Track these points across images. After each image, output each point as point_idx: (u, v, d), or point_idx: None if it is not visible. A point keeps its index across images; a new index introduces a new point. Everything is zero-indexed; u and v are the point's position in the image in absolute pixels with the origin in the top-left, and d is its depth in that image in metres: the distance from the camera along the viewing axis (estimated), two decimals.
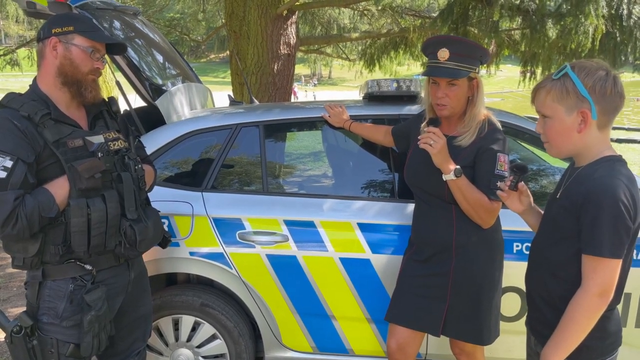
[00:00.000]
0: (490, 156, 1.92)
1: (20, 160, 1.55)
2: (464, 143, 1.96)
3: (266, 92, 5.00)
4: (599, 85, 1.36)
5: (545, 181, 2.81)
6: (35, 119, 1.61)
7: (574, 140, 1.43)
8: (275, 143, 2.76)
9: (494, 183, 1.89)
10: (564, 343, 1.38)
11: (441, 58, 1.91)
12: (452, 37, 2.04)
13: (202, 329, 2.45)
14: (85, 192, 1.65)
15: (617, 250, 1.33)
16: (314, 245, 2.34)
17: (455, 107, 1.96)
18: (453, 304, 2.01)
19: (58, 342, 1.70)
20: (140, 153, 2.01)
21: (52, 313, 1.69)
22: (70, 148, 1.66)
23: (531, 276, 1.61)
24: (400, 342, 2.10)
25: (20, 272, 4.55)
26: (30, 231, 1.57)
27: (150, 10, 10.03)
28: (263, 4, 4.85)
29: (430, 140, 1.86)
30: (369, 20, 8.42)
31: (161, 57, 3.23)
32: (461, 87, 1.94)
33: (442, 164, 1.89)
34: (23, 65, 10.59)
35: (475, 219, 1.96)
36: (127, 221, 1.76)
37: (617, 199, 1.31)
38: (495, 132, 1.98)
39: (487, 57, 1.97)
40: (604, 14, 4.41)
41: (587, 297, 1.35)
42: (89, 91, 1.73)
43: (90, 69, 1.72)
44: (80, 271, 1.72)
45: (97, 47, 1.74)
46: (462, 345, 2.09)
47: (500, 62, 6.74)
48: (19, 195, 1.54)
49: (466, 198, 1.91)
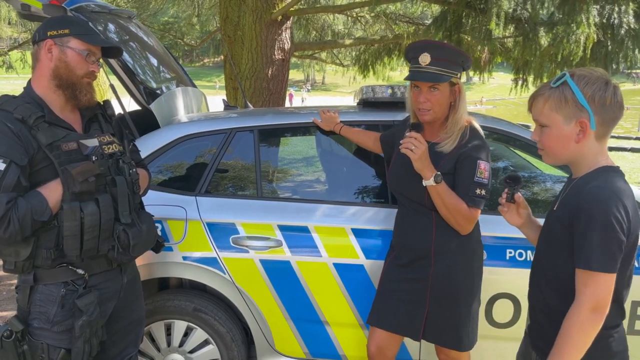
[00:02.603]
0: (470, 163, 1.93)
1: (14, 163, 1.54)
2: (446, 149, 1.97)
3: (260, 97, 5.00)
4: (599, 95, 1.34)
5: (537, 188, 2.83)
6: (29, 121, 1.60)
7: (571, 149, 1.40)
8: (270, 148, 2.76)
9: (473, 190, 1.91)
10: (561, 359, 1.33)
11: (423, 62, 1.92)
12: (434, 42, 2.06)
13: (194, 334, 2.43)
14: (79, 195, 1.63)
15: (607, 264, 1.28)
16: (308, 251, 2.33)
17: (437, 112, 1.97)
18: (432, 310, 2.02)
19: (49, 347, 1.67)
20: (135, 157, 2.00)
21: (43, 318, 1.67)
22: (64, 151, 1.64)
23: (532, 289, 1.57)
24: (380, 344, 2.11)
25: (10, 275, 4.50)
26: (23, 235, 1.56)
27: (144, 13, 10.01)
28: (258, 9, 4.85)
29: (411, 145, 1.87)
30: (363, 26, 8.46)
31: (155, 60, 3.23)
32: (443, 92, 1.95)
33: (423, 169, 1.90)
34: (17, 68, 10.54)
35: (453, 225, 1.97)
36: (121, 225, 1.74)
37: (609, 211, 1.27)
38: (477, 139, 1.98)
39: (468, 62, 1.99)
40: (596, 22, 4.46)
41: (580, 312, 1.31)
42: (83, 94, 1.72)
43: (85, 72, 1.71)
44: (72, 275, 1.70)
45: (93, 50, 1.73)
46: (447, 351, 2.10)
47: (492, 70, 6.78)
48: (11, 198, 1.53)
49: (445, 204, 1.92)
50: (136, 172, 1.85)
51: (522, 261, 2.24)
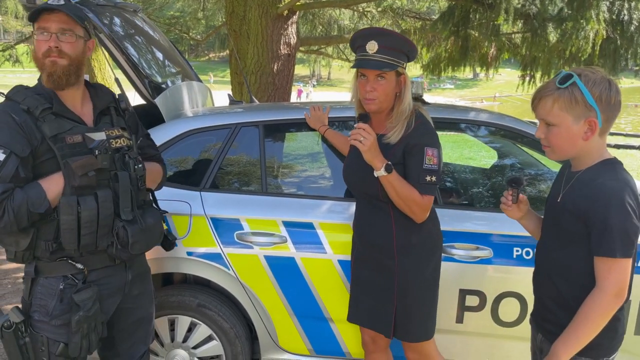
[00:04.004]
0: (418, 151, 1.91)
1: (13, 154, 1.54)
2: (393, 140, 1.94)
3: (265, 92, 4.99)
4: (605, 94, 1.40)
5: (543, 186, 2.80)
6: (35, 112, 1.59)
7: (578, 146, 1.47)
8: (275, 143, 2.75)
9: (424, 177, 1.89)
10: (577, 340, 1.42)
11: (370, 50, 1.89)
12: (381, 29, 2.04)
13: (198, 330, 2.43)
14: (79, 189, 1.62)
15: (628, 250, 1.38)
16: (313, 247, 2.32)
17: (383, 101, 1.94)
18: (400, 306, 2.00)
19: (48, 340, 1.68)
20: (150, 151, 1.98)
21: (43, 311, 1.68)
22: (68, 144, 1.63)
23: (539, 279, 1.64)
24: (372, 334, 2.15)
25: (14, 268, 4.52)
26: (18, 225, 1.55)
27: (150, 7, 10.02)
28: (264, 4, 4.83)
29: (360, 136, 1.85)
30: (370, 21, 8.42)
31: (161, 55, 3.21)
32: (389, 81, 1.92)
33: (373, 160, 1.87)
34: (23, 61, 10.57)
35: (408, 214, 1.94)
36: (121, 222, 1.71)
37: (624, 200, 1.37)
38: (424, 126, 1.96)
39: (414, 52, 1.96)
40: (605, 18, 4.41)
41: (605, 297, 1.38)
42: (51, 75, 1.63)
43: (43, 51, 1.62)
44: (71, 270, 1.69)
45: (42, 25, 1.62)
46: (415, 346, 2.07)
47: (499, 66, 6.74)
48: (7, 188, 1.53)
49: (398, 193, 1.90)
50: (142, 168, 1.80)
51: (529, 260, 2.22)
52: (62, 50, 1.63)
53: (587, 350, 1.44)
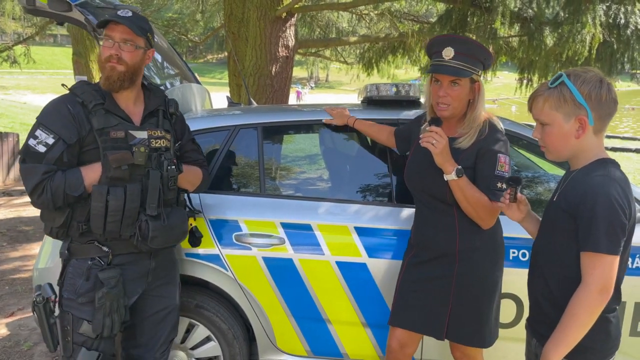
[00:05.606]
0: (490, 157, 1.92)
1: (62, 140, 1.72)
2: (464, 145, 1.96)
3: (264, 94, 5.00)
4: (595, 92, 1.42)
5: (540, 188, 2.82)
6: (88, 105, 1.77)
7: (572, 145, 1.49)
8: (273, 145, 2.76)
9: (494, 184, 1.90)
10: (565, 340, 1.41)
11: (446, 56, 1.90)
12: (459, 36, 2.05)
13: (196, 331, 2.43)
14: (112, 180, 1.76)
15: (613, 246, 1.37)
16: (311, 249, 2.33)
17: (456, 107, 1.95)
18: (456, 308, 2.00)
19: (73, 318, 1.81)
20: (193, 155, 2.11)
21: (71, 289, 1.83)
22: (112, 138, 1.78)
23: (533, 279, 1.64)
24: (402, 341, 2.11)
25: (11, 270, 4.52)
26: (54, 204, 1.71)
27: (148, 9, 10.03)
28: (262, 6, 4.84)
29: (432, 139, 1.86)
30: (368, 24, 8.45)
31: (159, 56, 3.22)
32: (463, 87, 1.93)
33: (444, 163, 1.89)
34: (21, 63, 10.56)
35: (475, 219, 1.95)
36: (145, 216, 1.83)
37: (611, 196, 1.37)
38: (496, 133, 1.98)
39: (490, 60, 1.97)
40: (602, 22, 4.44)
41: (588, 293, 1.38)
42: (107, 79, 1.80)
43: (105, 57, 1.80)
44: (98, 252, 1.83)
45: (108, 34, 1.81)
46: (464, 348, 2.09)
47: (497, 69, 6.77)
48: (49, 169, 1.70)
49: (467, 198, 1.90)
50: (175, 169, 1.90)
51: (525, 261, 2.23)
52: (122, 58, 1.80)
53: (579, 354, 1.43)
